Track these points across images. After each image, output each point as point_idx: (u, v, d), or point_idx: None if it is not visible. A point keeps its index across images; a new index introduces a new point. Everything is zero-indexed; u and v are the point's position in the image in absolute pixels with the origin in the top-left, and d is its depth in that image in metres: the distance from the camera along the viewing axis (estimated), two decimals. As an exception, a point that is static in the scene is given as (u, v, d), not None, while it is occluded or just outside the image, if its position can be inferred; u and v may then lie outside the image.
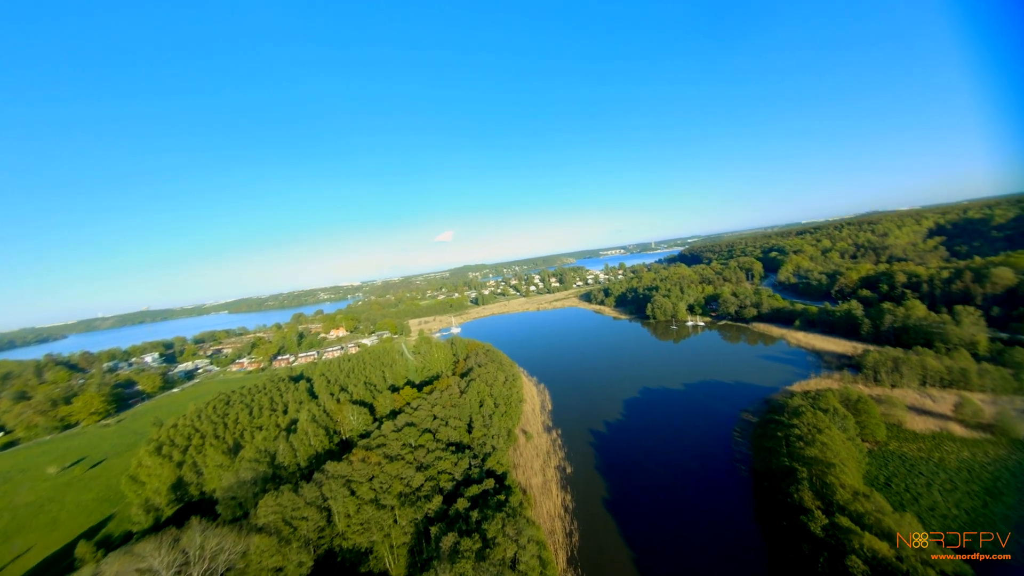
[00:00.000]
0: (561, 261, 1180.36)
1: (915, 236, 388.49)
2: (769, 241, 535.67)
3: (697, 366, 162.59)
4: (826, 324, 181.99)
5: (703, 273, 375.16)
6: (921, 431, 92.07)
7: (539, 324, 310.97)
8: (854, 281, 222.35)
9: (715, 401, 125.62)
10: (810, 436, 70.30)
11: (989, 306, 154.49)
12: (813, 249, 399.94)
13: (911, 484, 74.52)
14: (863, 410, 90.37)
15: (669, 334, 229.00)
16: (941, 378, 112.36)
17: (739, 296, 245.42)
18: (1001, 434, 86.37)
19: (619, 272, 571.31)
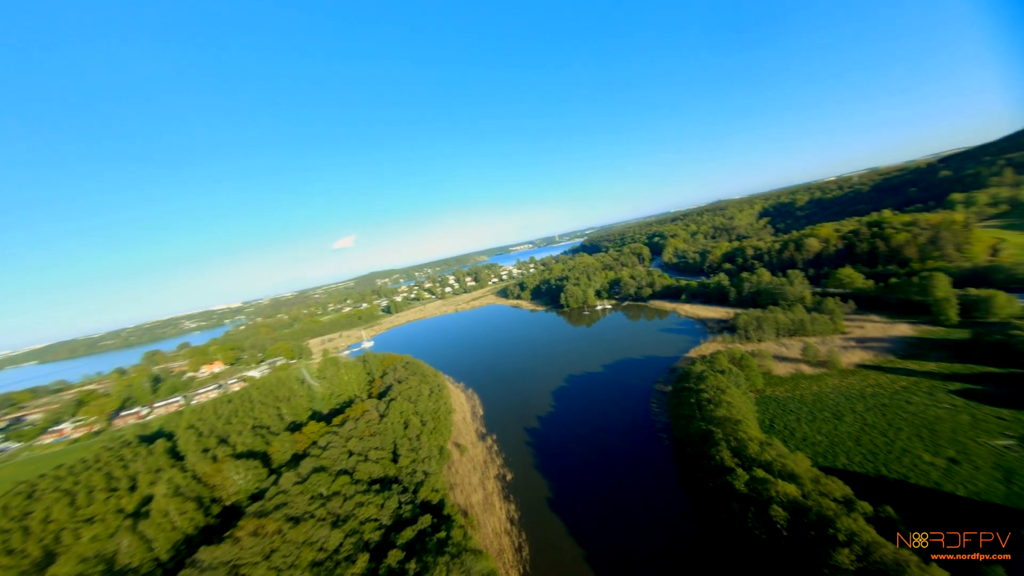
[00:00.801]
0: (474, 260, 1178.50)
1: (751, 218, 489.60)
2: (651, 228, 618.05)
3: (611, 346, 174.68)
4: (705, 295, 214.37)
5: (604, 260, 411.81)
6: (783, 375, 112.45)
7: (460, 326, 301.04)
8: (718, 257, 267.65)
9: (631, 377, 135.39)
10: (717, 398, 78.85)
11: (807, 268, 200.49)
12: (685, 233, 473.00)
13: (786, 422, 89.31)
14: (745, 365, 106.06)
15: (583, 319, 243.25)
16: (788, 329, 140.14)
17: (636, 278, 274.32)
18: (832, 367, 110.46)
19: (530, 266, 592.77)
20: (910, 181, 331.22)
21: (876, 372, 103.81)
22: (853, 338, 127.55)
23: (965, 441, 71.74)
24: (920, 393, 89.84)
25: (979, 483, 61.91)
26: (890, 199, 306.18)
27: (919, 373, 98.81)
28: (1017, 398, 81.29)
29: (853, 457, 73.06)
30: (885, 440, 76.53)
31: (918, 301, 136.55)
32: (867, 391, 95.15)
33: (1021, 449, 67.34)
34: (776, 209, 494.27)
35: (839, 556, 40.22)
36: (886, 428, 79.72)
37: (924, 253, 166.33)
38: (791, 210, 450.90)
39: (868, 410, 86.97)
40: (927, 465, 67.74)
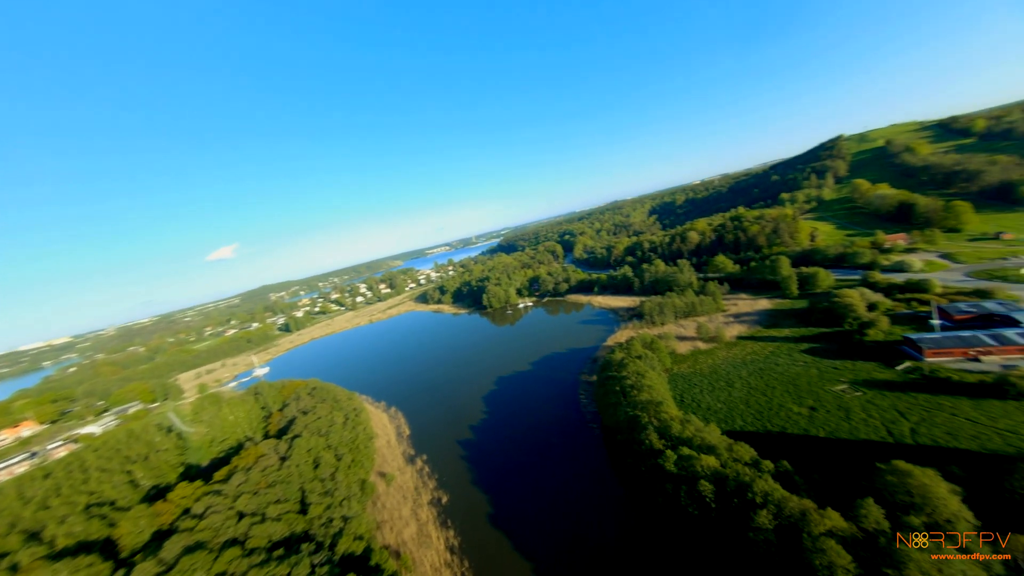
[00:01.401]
0: (387, 265, 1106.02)
1: (643, 215, 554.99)
2: (562, 227, 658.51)
3: (536, 343, 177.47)
4: (614, 286, 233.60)
5: (521, 259, 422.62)
6: (684, 352, 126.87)
7: (376, 338, 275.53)
8: (622, 251, 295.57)
9: (558, 371, 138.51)
10: (639, 383, 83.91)
11: (691, 257, 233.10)
12: (591, 231, 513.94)
13: (693, 395, 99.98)
14: (656, 348, 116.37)
15: (506, 319, 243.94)
16: (684, 311, 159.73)
17: (553, 275, 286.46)
18: (720, 341, 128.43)
19: (449, 269, 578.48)
20: (753, 184, 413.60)
21: (751, 341, 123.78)
22: (731, 314, 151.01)
23: (817, 391, 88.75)
24: (783, 355, 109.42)
25: (831, 423, 76.59)
26: (742, 198, 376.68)
27: (779, 339, 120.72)
28: (843, 350, 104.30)
29: (746, 418, 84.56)
30: (765, 399, 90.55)
31: (771, 280, 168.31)
32: (747, 358, 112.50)
33: (852, 390, 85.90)
34: (662, 208, 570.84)
35: (760, 518, 43.96)
36: (765, 388, 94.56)
37: (770, 241, 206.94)
38: (673, 208, 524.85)
39: (751, 375, 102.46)
40: (796, 415, 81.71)
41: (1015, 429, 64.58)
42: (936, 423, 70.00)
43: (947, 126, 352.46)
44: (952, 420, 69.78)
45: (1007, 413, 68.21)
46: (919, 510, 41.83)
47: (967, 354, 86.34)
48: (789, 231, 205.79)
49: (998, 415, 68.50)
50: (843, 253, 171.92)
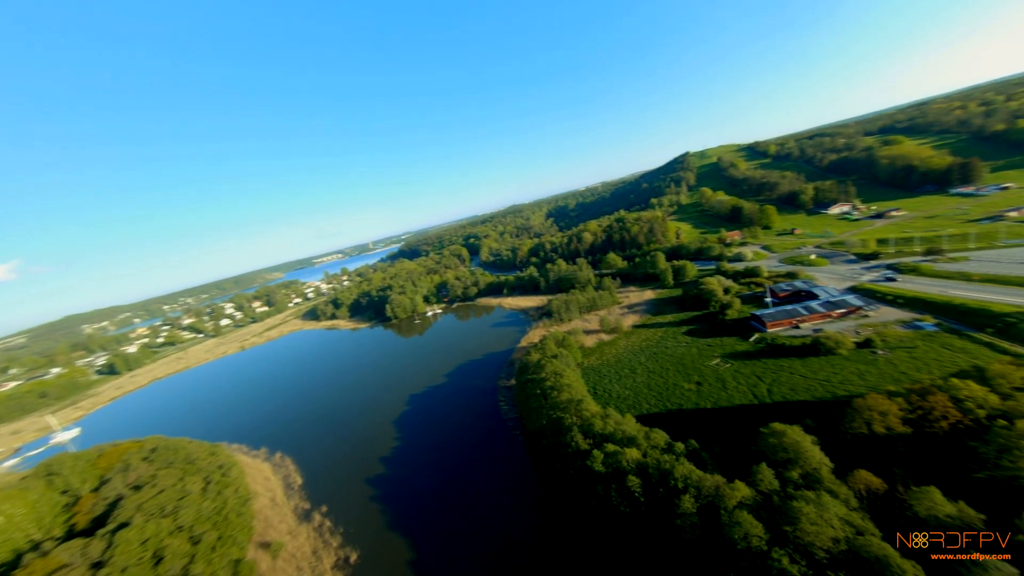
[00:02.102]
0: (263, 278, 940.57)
1: (541, 218, 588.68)
2: (466, 230, 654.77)
3: (449, 352, 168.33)
4: (522, 287, 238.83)
5: (427, 265, 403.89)
6: (591, 345, 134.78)
7: (252, 368, 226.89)
8: (526, 253, 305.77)
9: (475, 380, 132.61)
10: (558, 383, 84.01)
11: (587, 256, 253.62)
12: (495, 233, 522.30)
13: (604, 386, 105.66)
14: (568, 344, 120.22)
15: (414, 329, 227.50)
16: (586, 306, 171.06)
17: (461, 279, 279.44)
18: (620, 331, 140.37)
19: (344, 278, 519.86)
20: (629, 190, 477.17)
21: (644, 329, 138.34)
22: (626, 306, 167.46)
23: (699, 367, 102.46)
24: (670, 339, 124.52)
25: (714, 395, 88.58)
26: (622, 203, 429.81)
27: (665, 324, 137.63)
28: (712, 329, 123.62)
29: (651, 401, 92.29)
30: (662, 380, 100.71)
31: (652, 273, 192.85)
32: (643, 345, 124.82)
33: (723, 363, 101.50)
34: (557, 211, 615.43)
35: (684, 503, 45.69)
36: (660, 371, 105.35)
37: (648, 239, 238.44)
38: (567, 212, 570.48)
39: (648, 360, 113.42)
40: (688, 391, 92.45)
41: (828, 378, 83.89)
42: (782, 382, 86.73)
43: (753, 148, 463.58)
44: (792, 378, 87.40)
45: (822, 367, 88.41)
46: (795, 464, 49.13)
47: (791, 323, 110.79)
48: (661, 231, 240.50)
49: (817, 369, 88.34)
50: (700, 248, 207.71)
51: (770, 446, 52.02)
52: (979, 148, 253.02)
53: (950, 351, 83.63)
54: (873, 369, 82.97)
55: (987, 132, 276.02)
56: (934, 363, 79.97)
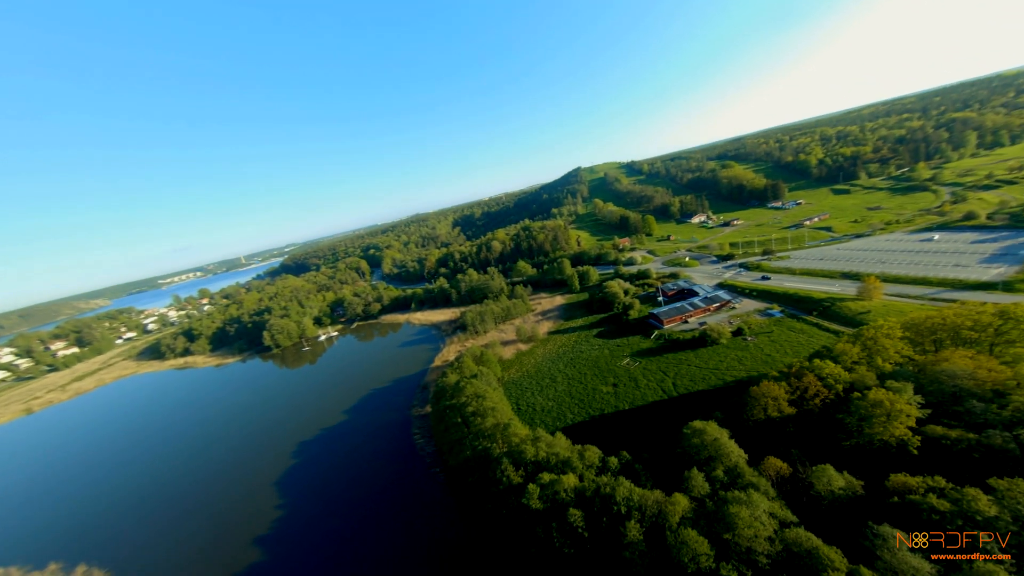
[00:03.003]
0: (75, 308, 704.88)
1: (448, 227, 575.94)
2: (365, 241, 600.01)
3: (349, 381, 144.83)
4: (432, 300, 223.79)
5: (318, 281, 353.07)
6: (510, 357, 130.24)
7: (44, 439, 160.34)
8: (434, 263, 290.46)
9: (383, 411, 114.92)
10: (481, 407, 75.49)
11: (498, 265, 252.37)
12: (398, 244, 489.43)
13: (527, 399, 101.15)
14: (486, 359, 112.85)
15: (303, 358, 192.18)
16: (502, 316, 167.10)
17: (361, 295, 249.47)
18: (536, 339, 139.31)
19: (203, 302, 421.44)
20: (531, 200, 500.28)
21: (559, 335, 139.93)
22: (539, 313, 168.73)
23: (613, 368, 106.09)
24: (584, 343, 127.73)
25: (630, 395, 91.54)
26: (525, 212, 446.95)
27: (577, 328, 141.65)
28: (619, 330, 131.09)
29: (574, 410, 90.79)
30: (582, 386, 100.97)
31: (560, 279, 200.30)
32: (560, 351, 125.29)
33: (633, 362, 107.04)
34: (464, 220, 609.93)
35: (630, 531, 42.16)
36: (579, 376, 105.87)
37: (553, 247, 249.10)
38: (474, 221, 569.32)
39: (566, 366, 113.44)
40: (606, 395, 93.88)
41: (717, 366, 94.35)
42: (683, 374, 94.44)
43: (631, 166, 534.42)
44: (690, 370, 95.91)
45: (711, 356, 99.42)
46: (718, 461, 50.43)
47: (681, 319, 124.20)
48: (564, 238, 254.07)
49: (707, 359, 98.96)
50: (599, 254, 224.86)
51: (693, 446, 52.86)
52: (781, 173, 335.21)
53: (794, 332, 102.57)
54: (747, 354, 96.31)
55: (783, 162, 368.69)
56: (787, 344, 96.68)
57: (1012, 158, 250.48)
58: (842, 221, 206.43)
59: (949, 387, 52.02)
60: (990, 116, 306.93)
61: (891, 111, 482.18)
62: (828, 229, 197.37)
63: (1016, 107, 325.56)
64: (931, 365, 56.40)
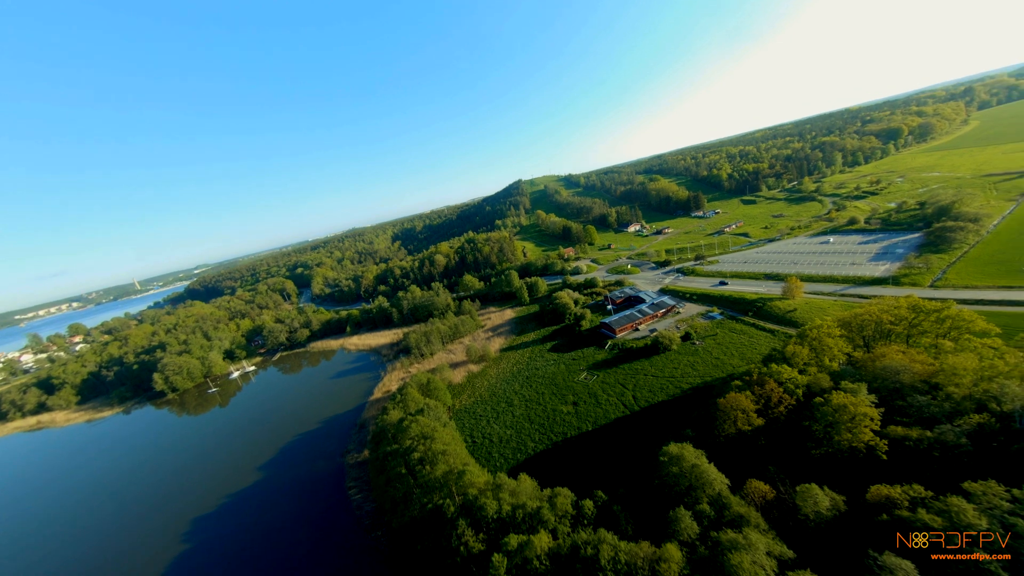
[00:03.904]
0: None
1: (387, 241, 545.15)
2: (291, 259, 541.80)
3: (269, 426, 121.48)
4: (370, 321, 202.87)
5: (232, 306, 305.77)
6: (461, 381, 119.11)
7: None
8: (372, 281, 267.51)
9: (311, 461, 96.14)
10: (430, 452, 63.76)
11: (442, 280, 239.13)
12: (331, 260, 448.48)
13: (482, 429, 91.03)
14: (434, 388, 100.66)
15: (209, 401, 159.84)
16: (449, 335, 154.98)
17: (286, 321, 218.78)
18: (488, 358, 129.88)
19: (73, 341, 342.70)
20: (474, 212, 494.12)
21: (512, 352, 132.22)
22: (489, 329, 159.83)
23: (571, 384, 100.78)
24: (538, 359, 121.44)
25: (591, 413, 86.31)
26: (468, 224, 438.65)
27: (530, 343, 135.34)
28: (572, 342, 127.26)
29: (535, 437, 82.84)
30: (541, 407, 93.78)
31: (508, 291, 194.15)
32: (515, 370, 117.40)
33: (590, 375, 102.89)
34: (404, 233, 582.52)
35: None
36: (537, 397, 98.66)
37: (500, 259, 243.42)
38: (415, 234, 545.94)
39: (522, 387, 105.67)
40: (567, 416, 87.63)
41: (672, 374, 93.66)
42: (641, 385, 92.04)
43: (568, 179, 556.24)
44: (647, 380, 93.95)
45: (665, 364, 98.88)
46: (700, 490, 45.73)
47: (632, 327, 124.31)
48: (510, 250, 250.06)
49: (662, 366, 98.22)
50: (546, 264, 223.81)
51: (672, 476, 47.85)
52: (699, 186, 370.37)
53: (735, 333, 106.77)
54: (698, 359, 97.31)
55: (700, 176, 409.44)
56: (732, 346, 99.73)
57: (869, 174, 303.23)
58: (755, 227, 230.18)
59: (892, 383, 53.99)
60: (849, 140, 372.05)
61: (776, 135, 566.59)
62: (745, 235, 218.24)
63: (864, 134, 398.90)
64: (871, 362, 58.84)
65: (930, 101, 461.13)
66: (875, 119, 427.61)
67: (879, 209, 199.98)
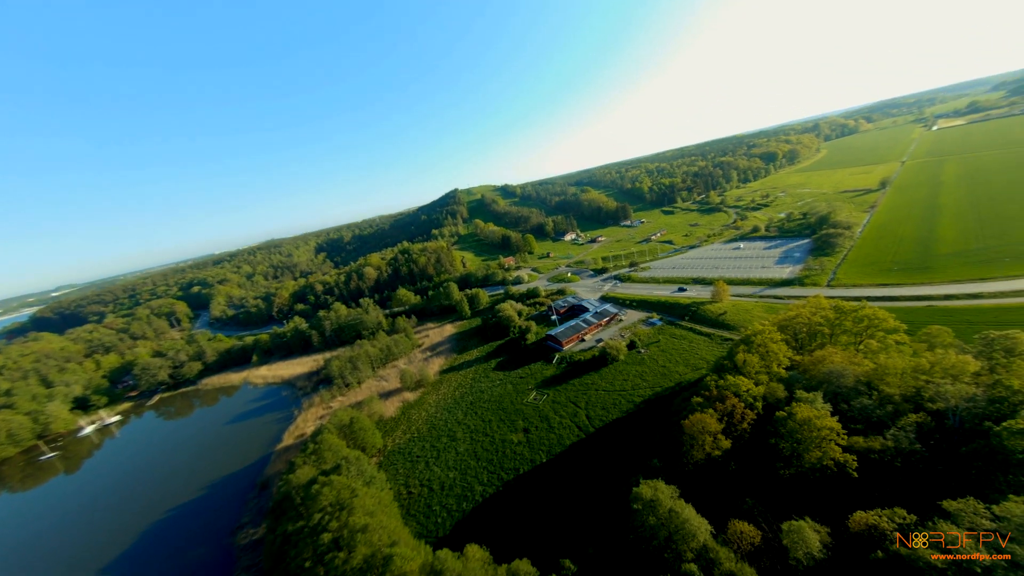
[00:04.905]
0: None
1: (309, 253, 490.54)
2: (186, 275, 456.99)
3: (136, 497, 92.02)
4: (284, 348, 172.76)
5: (94, 338, 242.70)
6: (394, 414, 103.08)
7: None
8: (288, 299, 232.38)
9: (190, 544, 72.58)
10: (348, 529, 48.71)
11: (373, 295, 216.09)
12: (238, 276, 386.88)
13: (420, 474, 77.11)
14: (358, 428, 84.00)
15: (45, 471, 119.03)
16: (380, 359, 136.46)
17: (169, 354, 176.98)
18: (427, 383, 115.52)
19: None
20: (409, 222, 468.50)
21: (453, 373, 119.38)
22: (427, 348, 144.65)
23: (520, 407, 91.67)
24: (483, 379, 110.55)
25: (544, 441, 77.77)
26: (403, 234, 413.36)
27: (473, 362, 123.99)
28: (518, 358, 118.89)
29: (483, 478, 71.54)
30: (488, 439, 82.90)
31: (448, 304, 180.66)
32: (457, 395, 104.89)
33: (540, 395, 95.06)
34: (330, 244, 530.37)
35: None
36: (483, 427, 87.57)
37: (438, 270, 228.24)
38: (343, 245, 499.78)
39: (466, 416, 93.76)
40: (518, 447, 77.94)
41: (623, 387, 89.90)
42: (594, 402, 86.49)
43: (505, 189, 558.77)
44: (599, 395, 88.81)
45: (615, 376, 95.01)
46: (683, 542, 39.28)
47: (578, 338, 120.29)
48: (448, 260, 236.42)
49: (612, 379, 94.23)
50: (486, 274, 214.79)
51: (649, 528, 40.80)
52: (625, 198, 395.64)
53: (676, 339, 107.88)
54: (646, 368, 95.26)
55: (625, 188, 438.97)
56: (676, 353, 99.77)
57: (759, 189, 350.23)
58: (677, 235, 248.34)
59: (837, 387, 54.43)
60: (740, 161, 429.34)
61: (683, 155, 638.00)
62: (670, 242, 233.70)
63: (751, 156, 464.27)
64: (813, 365, 59.55)
65: (792, 133, 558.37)
66: (757, 144, 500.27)
67: (774, 219, 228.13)
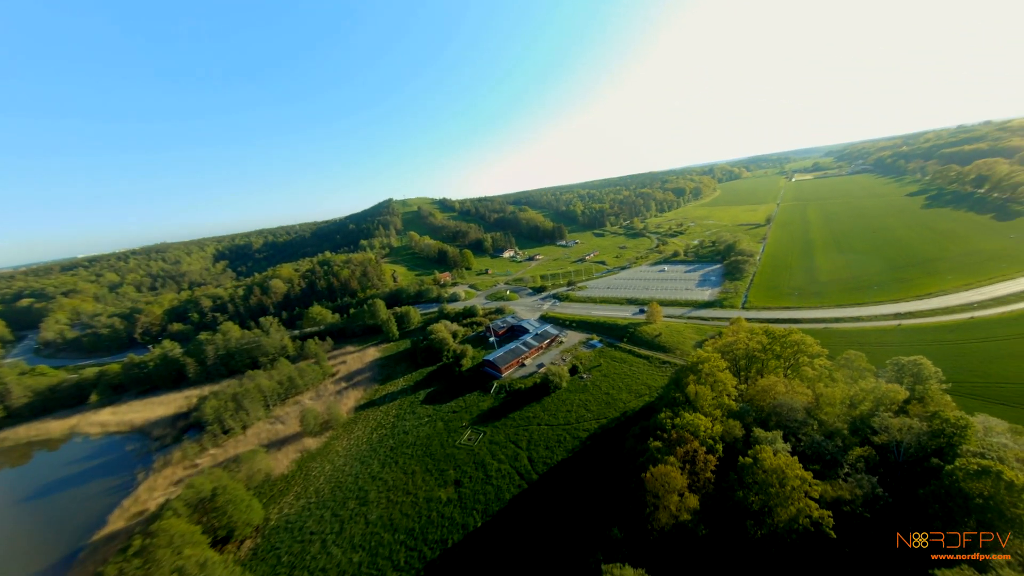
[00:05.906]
0: None
1: (205, 262, 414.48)
2: (14, 285, 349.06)
3: None
4: (140, 381, 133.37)
5: None
6: (287, 470, 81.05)
7: None
8: (160, 317, 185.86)
9: None
10: None
11: (279, 312, 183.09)
12: (95, 287, 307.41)
13: (313, 560, 58.20)
14: (223, 504, 61.55)
15: None
16: (279, 393, 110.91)
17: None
18: (336, 423, 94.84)
19: None
20: (335, 230, 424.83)
21: (371, 409, 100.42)
22: (342, 377, 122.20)
23: (451, 452, 77.57)
24: (408, 416, 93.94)
25: (480, 496, 64.71)
26: (327, 243, 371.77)
27: (398, 394, 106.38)
28: (451, 388, 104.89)
29: (398, 557, 55.68)
30: (410, 498, 67.18)
31: (372, 324, 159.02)
32: (374, 438, 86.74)
33: (475, 434, 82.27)
34: (234, 251, 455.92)
35: None
36: (403, 482, 71.45)
37: (363, 284, 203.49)
38: (250, 253, 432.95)
39: (383, 466, 76.55)
40: (446, 508, 63.67)
41: (567, 419, 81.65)
42: (536, 441, 76.37)
43: (443, 203, 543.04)
44: (541, 431, 79.12)
45: (557, 406, 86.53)
46: None
47: (518, 363, 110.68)
48: (376, 274, 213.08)
49: (555, 410, 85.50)
50: (419, 291, 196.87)
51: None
52: (560, 219, 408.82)
53: (616, 362, 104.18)
54: (589, 396, 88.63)
55: (560, 210, 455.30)
56: (618, 378, 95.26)
57: (673, 218, 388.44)
58: (609, 256, 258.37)
59: (788, 420, 52.05)
60: (657, 193, 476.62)
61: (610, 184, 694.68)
62: (603, 263, 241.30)
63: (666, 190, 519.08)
64: (759, 396, 57.29)
65: (694, 174, 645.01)
66: (669, 180, 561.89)
67: (690, 245, 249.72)
